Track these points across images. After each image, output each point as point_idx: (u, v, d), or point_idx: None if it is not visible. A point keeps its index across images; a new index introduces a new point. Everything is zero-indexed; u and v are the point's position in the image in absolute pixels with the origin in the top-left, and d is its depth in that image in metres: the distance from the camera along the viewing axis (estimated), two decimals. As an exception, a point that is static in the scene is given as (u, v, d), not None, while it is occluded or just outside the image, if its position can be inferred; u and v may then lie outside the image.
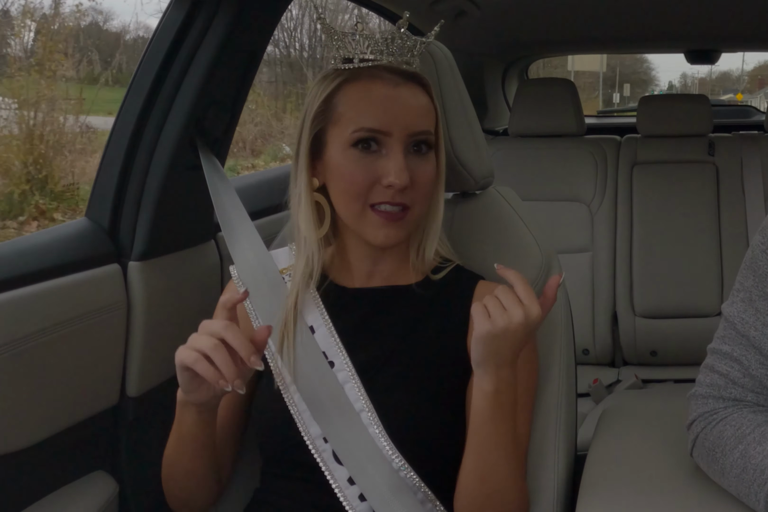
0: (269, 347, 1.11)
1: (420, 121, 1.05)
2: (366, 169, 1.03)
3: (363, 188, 1.04)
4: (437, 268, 1.14)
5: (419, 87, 1.07)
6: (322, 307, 1.11)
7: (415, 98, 1.06)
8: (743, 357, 0.95)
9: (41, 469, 1.20)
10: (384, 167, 1.03)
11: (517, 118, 2.64)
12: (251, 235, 1.23)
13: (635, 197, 2.53)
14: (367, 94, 1.04)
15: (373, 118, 1.03)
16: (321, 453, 1.05)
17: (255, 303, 1.14)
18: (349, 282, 1.13)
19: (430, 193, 1.08)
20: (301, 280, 1.11)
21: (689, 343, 2.35)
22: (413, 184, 1.04)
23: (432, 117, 1.08)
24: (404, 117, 1.04)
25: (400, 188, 1.02)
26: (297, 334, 1.09)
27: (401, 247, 1.12)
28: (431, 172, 1.07)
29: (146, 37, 10.10)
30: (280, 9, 1.45)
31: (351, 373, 1.07)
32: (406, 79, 1.06)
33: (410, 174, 1.03)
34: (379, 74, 1.05)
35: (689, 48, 3.03)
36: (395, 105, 1.04)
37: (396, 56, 1.06)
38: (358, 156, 1.04)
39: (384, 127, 1.03)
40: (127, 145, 1.32)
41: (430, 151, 1.07)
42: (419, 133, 1.05)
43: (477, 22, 2.33)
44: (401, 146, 1.03)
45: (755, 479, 0.88)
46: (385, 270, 1.13)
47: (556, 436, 1.14)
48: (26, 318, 1.13)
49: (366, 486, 1.02)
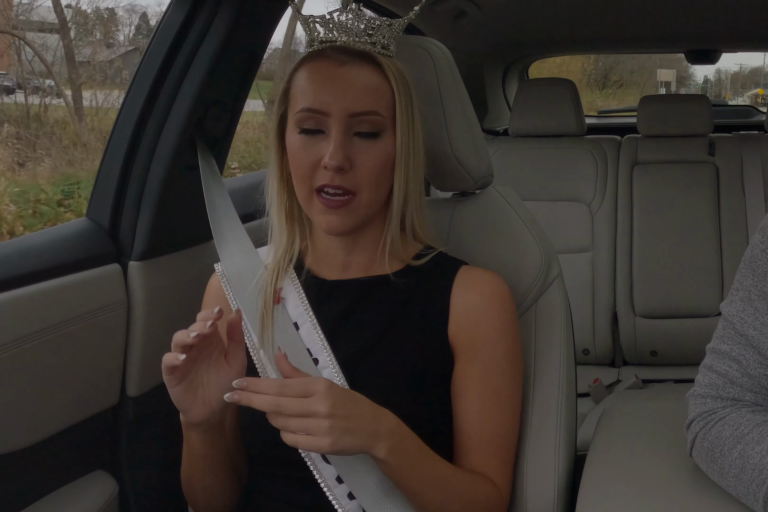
0: (252, 342, 1.10)
1: (364, 101, 1.00)
2: (309, 151, 1.01)
3: (306, 170, 1.02)
4: (419, 256, 1.11)
5: (371, 66, 1.03)
6: (306, 302, 1.09)
7: (361, 77, 1.01)
8: (742, 356, 0.95)
9: (41, 469, 1.19)
10: (324, 149, 1.00)
11: (517, 118, 2.63)
12: (239, 235, 1.22)
13: (635, 197, 2.52)
14: (311, 75, 1.03)
15: (313, 97, 1.01)
16: (308, 451, 1.04)
17: (239, 299, 1.13)
18: (327, 274, 1.12)
19: (379, 178, 1.03)
20: (276, 269, 1.10)
21: (689, 343, 2.35)
22: (356, 168, 1.01)
23: (383, 97, 1.02)
24: (345, 96, 1.00)
25: (335, 169, 0.99)
26: (281, 330, 1.08)
27: (374, 236, 1.09)
28: (378, 155, 1.02)
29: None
30: (280, 9, 1.44)
31: (335, 370, 1.05)
32: (354, 57, 1.02)
33: (350, 156, 1.00)
34: (327, 53, 1.03)
35: (689, 48, 3.02)
36: (337, 84, 1.01)
37: (351, 36, 1.04)
38: (302, 138, 1.02)
39: (322, 106, 1.00)
40: (128, 145, 1.32)
41: (381, 134, 1.02)
42: (361, 113, 1.00)
43: (477, 22, 2.33)
44: (341, 126, 1.00)
45: (754, 479, 0.88)
46: (360, 261, 1.11)
47: (556, 436, 1.14)
48: (26, 318, 1.13)
49: (354, 485, 1.00)
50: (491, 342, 1.07)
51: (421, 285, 1.09)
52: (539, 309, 1.20)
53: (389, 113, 1.03)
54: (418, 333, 1.07)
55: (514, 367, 1.09)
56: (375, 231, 1.09)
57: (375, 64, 1.03)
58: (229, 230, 1.23)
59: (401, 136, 1.03)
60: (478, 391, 1.06)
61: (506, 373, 1.08)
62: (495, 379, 1.07)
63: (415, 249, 1.12)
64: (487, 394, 1.07)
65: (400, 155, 1.04)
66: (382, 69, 1.03)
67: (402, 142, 1.04)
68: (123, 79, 11.01)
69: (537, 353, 1.18)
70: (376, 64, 1.03)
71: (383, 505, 0.99)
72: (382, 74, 1.03)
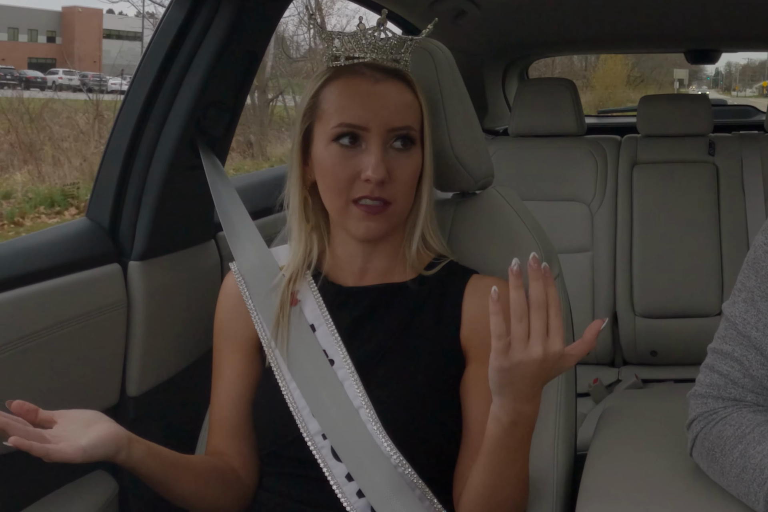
0: (268, 342, 1.12)
1: (400, 117, 1.06)
2: (346, 164, 1.05)
3: (344, 183, 1.05)
4: (431, 264, 1.14)
5: (402, 83, 1.08)
6: (323, 305, 1.12)
7: (395, 94, 1.07)
8: (744, 357, 0.95)
9: (41, 469, 1.19)
10: (363, 162, 1.04)
11: (517, 118, 2.63)
12: (252, 234, 1.24)
13: (635, 197, 2.52)
14: (347, 91, 1.06)
15: (352, 113, 1.05)
16: (320, 449, 1.06)
17: (255, 300, 1.15)
18: (343, 280, 1.14)
19: (412, 188, 1.09)
20: (293, 273, 1.13)
21: (689, 343, 2.35)
22: (393, 179, 1.05)
23: (415, 113, 1.08)
24: (383, 112, 1.05)
25: (377, 182, 1.03)
26: (298, 332, 1.10)
27: (392, 244, 1.13)
28: (412, 167, 1.07)
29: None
30: (280, 9, 1.45)
31: (350, 370, 1.07)
32: (387, 75, 1.07)
33: (389, 169, 1.04)
34: (361, 71, 1.07)
35: (689, 48, 3.02)
36: (375, 100, 1.05)
37: (380, 53, 1.08)
38: (338, 151, 1.05)
39: (363, 122, 1.04)
40: (128, 145, 1.32)
41: (413, 147, 1.08)
42: (399, 128, 1.06)
43: (477, 22, 2.33)
44: (380, 141, 1.04)
45: (755, 478, 0.88)
46: (378, 268, 1.13)
47: (556, 436, 1.14)
48: (26, 318, 1.13)
49: (364, 483, 1.01)
50: None
51: (434, 292, 1.12)
52: None
53: (419, 127, 1.09)
54: (431, 338, 1.10)
55: None
56: (393, 239, 1.12)
57: (404, 81, 1.09)
58: (242, 228, 1.25)
59: (429, 149, 1.10)
60: (488, 392, 1.07)
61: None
62: None
63: (428, 258, 1.15)
64: None
65: (428, 167, 1.10)
66: (411, 86, 1.09)
67: (430, 155, 1.10)
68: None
69: (537, 353, 1.18)
70: (405, 81, 1.09)
71: (391, 503, 1.01)
72: (411, 90, 1.09)
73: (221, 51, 1.32)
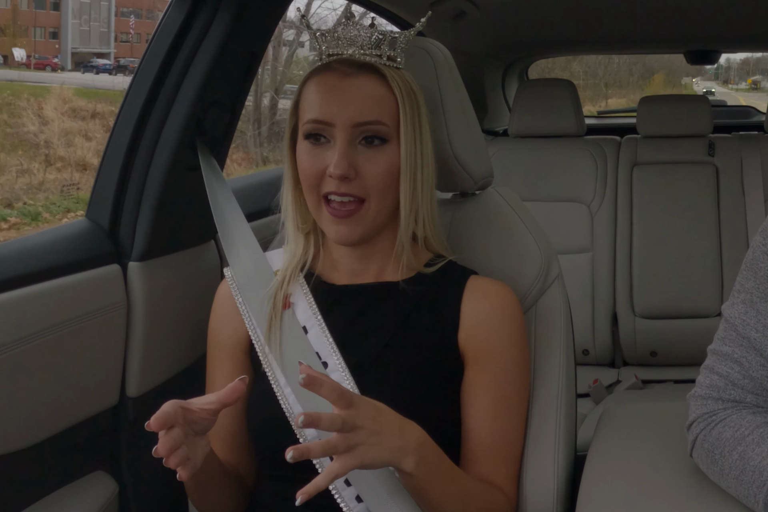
0: (262, 348, 1.11)
1: (368, 111, 1.04)
2: (314, 161, 1.05)
3: (314, 179, 1.05)
4: (429, 264, 1.13)
5: (376, 77, 1.06)
6: (314, 306, 1.11)
7: (364, 88, 1.05)
8: (744, 358, 0.95)
9: (41, 469, 1.19)
10: (329, 158, 1.04)
11: (517, 118, 2.63)
12: (247, 237, 1.23)
13: (635, 198, 2.52)
14: (318, 87, 1.06)
15: (318, 109, 1.04)
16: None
17: (249, 305, 1.14)
18: (336, 280, 1.13)
19: (386, 186, 1.05)
20: (286, 276, 1.12)
21: (689, 344, 2.35)
22: (361, 176, 1.04)
23: (386, 107, 1.05)
24: (349, 107, 1.03)
25: (339, 177, 1.02)
26: (290, 335, 1.09)
27: (385, 246, 1.12)
28: (384, 164, 1.04)
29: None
30: (280, 9, 1.44)
31: (345, 374, 1.06)
32: (359, 69, 1.05)
33: (357, 164, 1.03)
34: (332, 66, 1.06)
35: (689, 48, 3.02)
36: (341, 95, 1.04)
37: (357, 48, 1.07)
38: (309, 148, 1.06)
39: (328, 117, 1.04)
40: (128, 146, 1.32)
41: (385, 143, 1.05)
42: (366, 122, 1.04)
43: (477, 23, 2.33)
44: (345, 136, 1.03)
45: (754, 480, 0.88)
46: (373, 268, 1.12)
47: (556, 437, 1.14)
48: (26, 318, 1.12)
49: (363, 488, 1.00)
50: (502, 351, 1.08)
51: (430, 292, 1.11)
52: (539, 310, 1.21)
53: (394, 123, 1.05)
54: (427, 340, 1.08)
55: (523, 377, 1.11)
56: (386, 241, 1.11)
57: (379, 75, 1.06)
58: (237, 232, 1.24)
59: (405, 145, 1.05)
60: (488, 399, 1.08)
61: (516, 382, 1.09)
62: (505, 388, 1.08)
63: (426, 257, 1.14)
64: (497, 402, 1.08)
65: (404, 164, 1.06)
66: (387, 80, 1.06)
67: (407, 151, 1.06)
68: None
69: (537, 353, 1.18)
70: (380, 75, 1.06)
71: (389, 506, 0.99)
72: (387, 85, 1.05)
73: (221, 51, 1.32)
